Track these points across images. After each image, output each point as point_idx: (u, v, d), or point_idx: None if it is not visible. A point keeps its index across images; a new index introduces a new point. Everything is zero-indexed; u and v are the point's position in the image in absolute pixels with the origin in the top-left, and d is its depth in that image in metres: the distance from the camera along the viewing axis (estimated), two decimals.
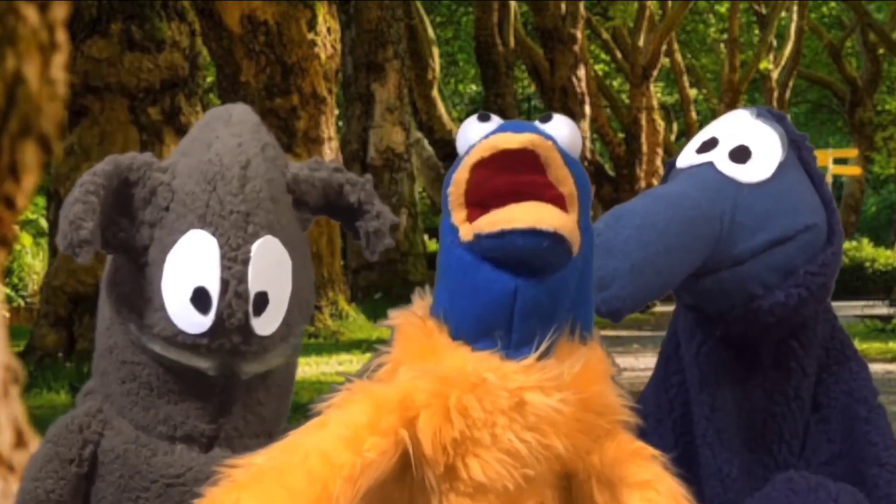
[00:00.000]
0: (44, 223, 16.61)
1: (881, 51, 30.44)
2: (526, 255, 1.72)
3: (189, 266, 1.89)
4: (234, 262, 1.87)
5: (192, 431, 1.94)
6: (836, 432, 2.07)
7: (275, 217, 1.94)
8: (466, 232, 1.76)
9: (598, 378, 1.84)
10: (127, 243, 1.92)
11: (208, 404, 1.94)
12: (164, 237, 1.91)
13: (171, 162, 1.97)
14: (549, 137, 1.78)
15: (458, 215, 1.78)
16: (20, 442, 2.88)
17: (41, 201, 16.03)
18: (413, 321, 1.85)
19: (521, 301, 1.75)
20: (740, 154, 2.04)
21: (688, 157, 2.11)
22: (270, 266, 1.92)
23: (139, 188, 1.92)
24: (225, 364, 1.90)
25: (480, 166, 1.75)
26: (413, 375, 1.78)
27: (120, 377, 1.96)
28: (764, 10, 29.72)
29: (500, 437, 1.75)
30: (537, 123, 1.84)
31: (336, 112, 15.16)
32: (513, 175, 1.74)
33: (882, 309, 17.30)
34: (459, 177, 1.78)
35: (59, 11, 2.95)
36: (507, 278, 1.74)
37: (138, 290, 1.93)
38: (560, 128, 1.84)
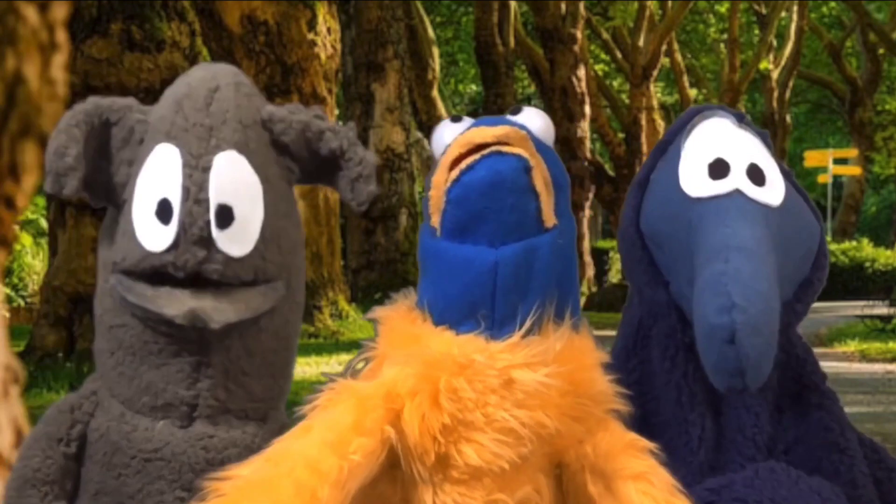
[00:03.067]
0: (44, 223, 16.61)
1: (881, 51, 30.48)
2: (490, 182, 1.74)
3: (154, 180, 1.90)
4: (195, 170, 1.87)
5: (172, 399, 1.91)
6: (790, 420, 2.06)
7: (242, 137, 1.93)
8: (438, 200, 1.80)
9: (590, 365, 1.85)
10: (108, 185, 1.94)
11: (185, 365, 1.91)
12: (138, 168, 1.93)
13: (152, 107, 2.00)
14: (522, 128, 1.82)
15: (437, 219, 1.81)
16: (20, 442, 2.87)
17: (41, 201, 16.01)
18: (397, 312, 1.88)
19: (501, 274, 1.77)
20: (756, 175, 1.98)
21: (701, 183, 1.98)
22: (235, 181, 1.90)
23: (118, 128, 1.94)
24: (194, 313, 1.86)
25: (457, 163, 1.77)
26: (399, 362, 1.78)
27: (109, 348, 1.96)
28: (764, 10, 29.75)
29: (493, 416, 1.76)
30: (509, 116, 1.89)
31: (336, 112, 15.16)
32: None
33: (882, 309, 17.33)
34: (438, 178, 1.80)
35: (59, 11, 2.95)
36: (487, 252, 1.77)
37: (118, 229, 1.93)
38: (532, 119, 1.89)
